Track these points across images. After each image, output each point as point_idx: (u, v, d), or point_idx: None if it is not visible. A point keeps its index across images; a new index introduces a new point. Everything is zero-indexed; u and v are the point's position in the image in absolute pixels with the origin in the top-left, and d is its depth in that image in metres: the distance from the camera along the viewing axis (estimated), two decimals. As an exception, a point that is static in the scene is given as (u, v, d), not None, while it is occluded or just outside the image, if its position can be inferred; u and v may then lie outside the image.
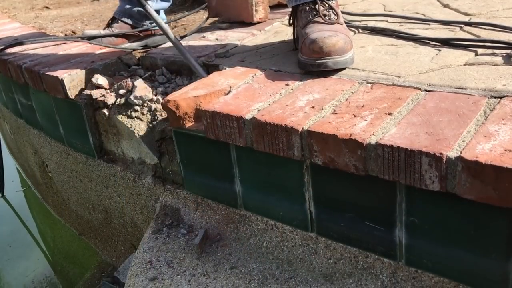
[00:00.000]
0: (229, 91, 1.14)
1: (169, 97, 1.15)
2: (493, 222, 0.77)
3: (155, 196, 1.38)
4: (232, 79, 1.20)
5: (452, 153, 0.76)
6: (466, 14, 1.50)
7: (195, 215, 1.26)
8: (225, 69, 1.31)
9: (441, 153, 0.76)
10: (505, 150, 0.74)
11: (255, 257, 1.11)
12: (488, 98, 0.92)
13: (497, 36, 1.26)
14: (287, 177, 1.02)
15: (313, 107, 0.98)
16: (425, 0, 1.73)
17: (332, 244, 1.02)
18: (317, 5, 1.23)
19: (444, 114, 0.88)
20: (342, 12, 1.59)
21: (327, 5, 1.23)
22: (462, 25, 1.39)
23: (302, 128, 0.91)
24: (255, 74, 1.21)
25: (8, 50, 1.75)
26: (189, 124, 1.15)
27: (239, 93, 1.12)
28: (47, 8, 3.15)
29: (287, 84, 1.12)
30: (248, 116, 1.00)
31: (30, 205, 2.42)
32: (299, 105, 1.01)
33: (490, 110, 0.88)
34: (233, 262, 1.11)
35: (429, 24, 1.44)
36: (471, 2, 1.62)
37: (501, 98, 0.92)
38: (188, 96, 1.13)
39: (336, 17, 1.23)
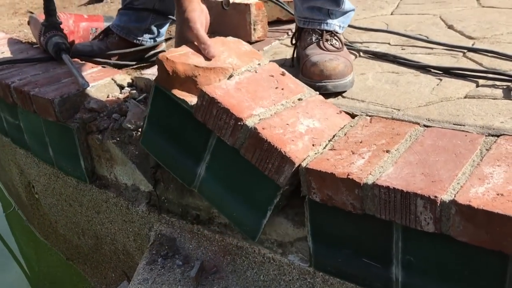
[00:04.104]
0: (231, 75, 1.18)
1: (168, 55, 1.15)
2: (487, 264, 0.86)
3: (149, 224, 1.47)
4: (235, 57, 1.22)
5: (446, 196, 0.85)
6: (470, 38, 1.60)
7: (190, 246, 1.35)
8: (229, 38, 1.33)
9: (435, 196, 0.85)
10: (498, 194, 0.83)
11: (252, 291, 1.20)
12: (486, 136, 1.02)
13: (499, 64, 1.36)
14: (261, 191, 1.09)
15: (312, 140, 1.07)
16: (429, 20, 1.83)
17: (330, 279, 1.11)
18: (323, 31, 1.33)
19: (441, 153, 0.97)
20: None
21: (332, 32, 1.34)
22: (465, 51, 1.49)
23: (300, 165, 1.00)
24: (259, 63, 1.25)
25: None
26: (175, 87, 1.18)
27: (242, 84, 1.16)
28: (31, 13, 3.23)
29: (290, 93, 1.18)
30: (249, 122, 1.06)
31: (12, 226, 2.49)
32: (299, 130, 1.09)
33: (486, 149, 0.97)
34: (229, 295, 1.20)
35: (431, 48, 1.54)
36: (476, 24, 1.72)
37: (498, 136, 1.01)
38: (188, 62, 1.15)
39: (338, 43, 1.34)
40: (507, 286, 0.85)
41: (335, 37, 1.34)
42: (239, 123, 1.07)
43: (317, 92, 1.21)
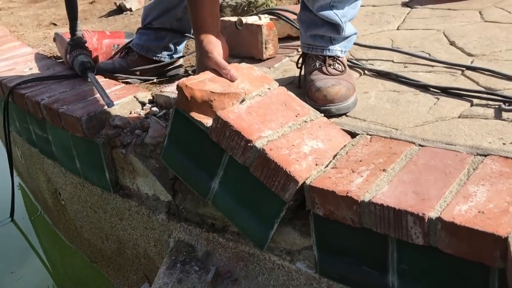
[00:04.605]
0: (243, 100, 1.30)
1: (187, 82, 1.28)
2: (471, 274, 0.97)
3: (169, 232, 1.59)
4: (247, 83, 1.34)
5: (433, 214, 0.95)
6: (470, 55, 1.69)
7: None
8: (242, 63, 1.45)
9: (423, 213, 0.96)
10: (479, 212, 0.94)
11: (263, 294, 1.32)
12: (474, 155, 1.12)
13: (495, 83, 1.46)
14: (269, 205, 1.20)
15: (315, 160, 1.18)
16: (433, 36, 1.92)
17: (334, 284, 1.22)
18: (325, 56, 1.44)
19: (432, 172, 1.08)
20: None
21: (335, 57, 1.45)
22: (463, 69, 1.58)
23: (304, 182, 1.12)
24: (269, 88, 1.36)
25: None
26: (193, 110, 1.30)
27: (253, 107, 1.28)
28: (54, 24, 3.39)
29: (296, 115, 1.30)
30: (258, 144, 1.18)
31: (38, 230, 2.63)
32: (303, 151, 1.21)
33: (473, 169, 1.07)
34: (242, 298, 1.32)
35: (432, 66, 1.64)
36: (477, 40, 1.81)
37: (485, 156, 1.11)
38: (205, 89, 1.27)
39: (341, 67, 1.45)
40: (488, 294, 0.96)
41: (338, 61, 1.45)
42: (249, 144, 1.19)
43: (322, 114, 1.32)
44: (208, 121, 1.29)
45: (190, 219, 1.53)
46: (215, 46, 1.32)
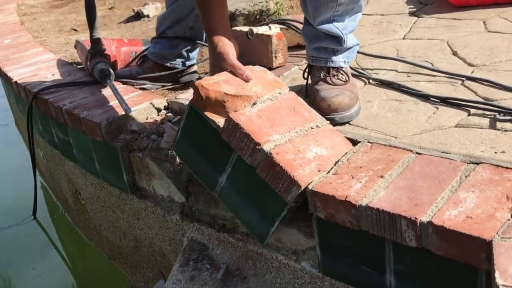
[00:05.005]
0: (255, 103, 1.36)
1: (203, 82, 1.33)
2: (460, 275, 1.04)
3: (183, 231, 1.68)
4: (260, 86, 1.39)
5: (425, 218, 1.02)
6: (471, 65, 1.75)
7: (218, 251, 1.55)
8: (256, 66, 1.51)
9: (415, 218, 1.03)
10: (467, 217, 1.00)
11: (270, 291, 1.40)
12: (467, 163, 1.18)
13: (493, 93, 1.52)
14: (271, 205, 1.27)
15: (318, 166, 1.26)
16: (437, 46, 1.98)
17: (336, 283, 1.30)
18: (329, 68, 1.52)
19: (426, 179, 1.15)
20: (358, 52, 1.85)
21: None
22: (464, 79, 1.64)
23: (307, 187, 1.19)
24: (280, 92, 1.42)
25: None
26: (207, 110, 1.36)
27: (263, 111, 1.35)
28: (75, 30, 3.50)
29: (304, 120, 1.37)
30: (265, 147, 1.25)
31: (59, 228, 2.73)
32: (308, 157, 1.28)
33: (465, 176, 1.14)
34: (250, 295, 1.40)
35: (434, 76, 1.70)
36: (478, 50, 1.87)
37: (477, 164, 1.17)
38: (219, 90, 1.33)
39: (345, 77, 1.52)
40: (475, 293, 1.03)
41: (341, 72, 1.52)
42: (257, 147, 1.26)
43: (328, 122, 1.39)
44: (220, 120, 1.36)
45: (203, 220, 1.61)
46: (230, 48, 1.39)
